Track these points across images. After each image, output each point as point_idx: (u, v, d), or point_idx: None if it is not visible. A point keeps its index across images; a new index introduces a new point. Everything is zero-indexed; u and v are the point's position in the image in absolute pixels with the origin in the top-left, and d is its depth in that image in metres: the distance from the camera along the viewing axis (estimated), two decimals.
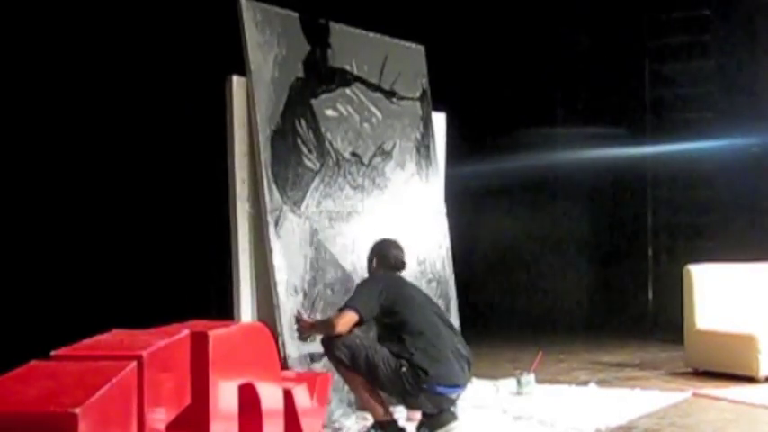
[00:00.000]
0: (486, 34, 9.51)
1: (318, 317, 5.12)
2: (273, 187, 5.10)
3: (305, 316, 5.06)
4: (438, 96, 6.51)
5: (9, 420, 2.15)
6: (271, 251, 5.00)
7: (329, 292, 5.33)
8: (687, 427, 4.90)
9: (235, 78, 5.08)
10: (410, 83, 6.27)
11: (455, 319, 6.28)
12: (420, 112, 6.34)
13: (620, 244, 10.23)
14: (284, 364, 4.75)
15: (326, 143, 5.52)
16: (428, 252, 6.16)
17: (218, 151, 5.18)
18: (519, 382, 5.85)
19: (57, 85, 7.79)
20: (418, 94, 6.34)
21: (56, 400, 2.18)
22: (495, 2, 9.57)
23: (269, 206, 5.05)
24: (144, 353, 2.50)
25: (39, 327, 6.74)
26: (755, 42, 9.42)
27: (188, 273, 7.96)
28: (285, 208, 5.15)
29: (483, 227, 10.11)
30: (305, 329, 4.94)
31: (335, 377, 5.05)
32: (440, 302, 6.17)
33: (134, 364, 2.45)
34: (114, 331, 2.92)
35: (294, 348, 4.99)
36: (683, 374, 6.59)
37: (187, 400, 2.79)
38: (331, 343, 4.54)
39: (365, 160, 5.80)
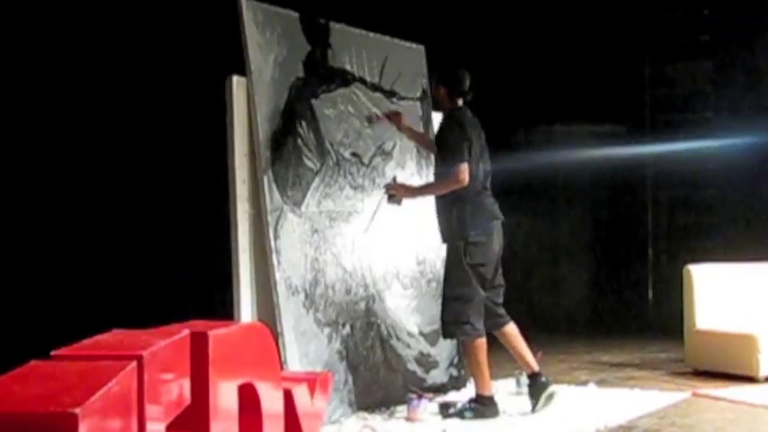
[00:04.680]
0: (486, 34, 9.50)
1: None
2: (273, 187, 5.10)
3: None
4: None
5: (9, 420, 2.15)
6: (271, 251, 5.00)
7: (330, 291, 5.33)
8: (687, 427, 4.90)
9: (235, 78, 5.08)
10: (410, 83, 6.27)
11: None
12: (420, 112, 6.35)
13: (619, 244, 10.22)
14: (284, 365, 4.76)
15: (326, 143, 5.52)
16: (428, 252, 6.16)
17: (218, 151, 5.18)
18: (518, 382, 5.85)
19: (57, 86, 7.79)
20: (418, 94, 6.34)
21: (56, 400, 2.18)
22: (494, 2, 9.57)
23: (269, 206, 5.05)
24: (144, 353, 2.50)
25: (39, 327, 6.74)
26: (755, 42, 9.42)
27: (188, 273, 7.96)
28: (285, 208, 5.15)
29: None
30: (402, 193, 5.45)
31: (336, 377, 5.06)
32: (439, 303, 6.17)
33: (134, 364, 2.45)
34: (114, 331, 2.91)
35: (294, 348, 4.99)
36: (683, 374, 6.59)
37: (187, 400, 2.79)
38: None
39: (365, 160, 5.80)
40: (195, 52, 7.65)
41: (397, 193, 5.50)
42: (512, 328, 5.45)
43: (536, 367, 5.38)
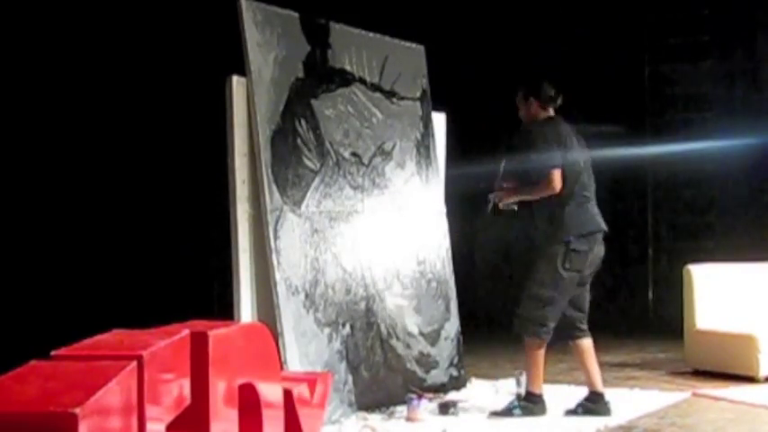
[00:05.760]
0: (486, 34, 9.51)
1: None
2: (273, 187, 5.10)
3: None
4: (438, 96, 6.51)
5: (9, 420, 2.15)
6: (271, 251, 5.00)
7: (330, 291, 5.33)
8: (687, 427, 4.90)
9: (235, 78, 5.08)
10: (410, 83, 6.27)
11: (455, 319, 6.29)
12: (420, 112, 6.34)
13: (619, 244, 10.21)
14: (284, 365, 4.76)
15: (326, 143, 5.52)
16: (428, 252, 6.16)
17: (218, 151, 5.19)
18: (518, 382, 5.84)
19: (58, 86, 7.80)
20: (418, 94, 6.34)
21: (56, 400, 2.18)
22: (494, 2, 9.57)
23: (269, 206, 5.05)
24: (144, 353, 2.50)
25: (39, 327, 6.74)
26: (755, 42, 9.42)
27: (188, 272, 7.96)
28: (285, 208, 5.15)
29: (483, 226, 10.10)
30: (504, 196, 5.31)
31: (336, 377, 5.06)
32: (439, 303, 6.18)
33: (134, 364, 2.45)
34: (114, 331, 2.92)
35: (294, 348, 4.99)
36: (683, 374, 6.59)
37: (187, 400, 2.79)
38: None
39: (365, 160, 5.80)
40: (195, 52, 7.66)
41: (499, 198, 5.41)
42: (587, 344, 5.43)
43: (601, 388, 5.34)
